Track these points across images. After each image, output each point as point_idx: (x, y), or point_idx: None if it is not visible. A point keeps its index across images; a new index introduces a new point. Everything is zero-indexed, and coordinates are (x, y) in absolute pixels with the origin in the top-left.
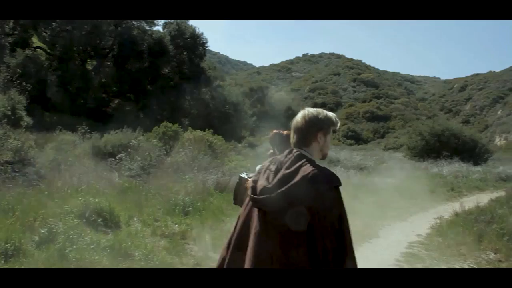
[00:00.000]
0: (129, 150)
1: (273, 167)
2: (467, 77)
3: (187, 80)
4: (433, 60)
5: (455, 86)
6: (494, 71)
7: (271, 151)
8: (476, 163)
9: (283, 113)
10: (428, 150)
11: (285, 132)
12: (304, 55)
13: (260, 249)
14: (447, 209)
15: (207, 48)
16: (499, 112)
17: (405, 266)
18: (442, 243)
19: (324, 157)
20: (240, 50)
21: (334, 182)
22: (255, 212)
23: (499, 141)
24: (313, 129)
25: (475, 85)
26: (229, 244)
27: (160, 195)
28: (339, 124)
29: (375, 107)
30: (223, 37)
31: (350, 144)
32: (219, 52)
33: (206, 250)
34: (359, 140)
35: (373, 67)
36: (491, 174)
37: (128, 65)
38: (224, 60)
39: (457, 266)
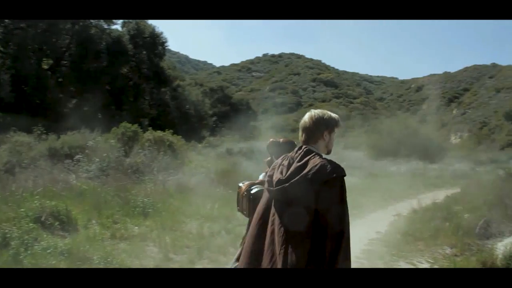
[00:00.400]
0: (86, 151)
1: (285, 162)
2: (423, 77)
3: (147, 80)
4: (391, 60)
5: (412, 86)
6: (449, 72)
7: (269, 158)
8: (432, 161)
9: (243, 113)
10: (387, 149)
11: (281, 140)
12: (264, 55)
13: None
14: (405, 206)
15: (166, 48)
16: (454, 112)
17: (365, 263)
18: (401, 240)
19: (329, 152)
20: (200, 50)
21: (340, 172)
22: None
23: (454, 139)
24: (320, 128)
25: (431, 85)
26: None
27: (119, 196)
28: (341, 124)
29: (334, 107)
30: (183, 36)
31: None
32: (179, 52)
33: (166, 252)
34: None
35: (333, 67)
36: (447, 172)
37: (85, 65)
38: (184, 60)
39: (415, 261)
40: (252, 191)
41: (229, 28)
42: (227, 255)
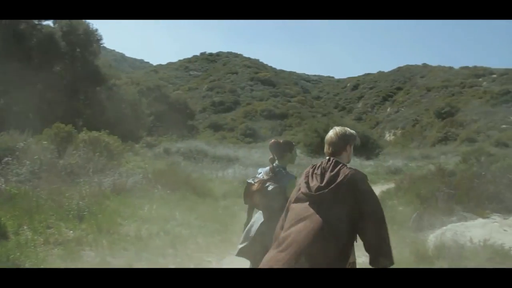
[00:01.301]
0: (17, 153)
1: (318, 171)
2: (359, 76)
3: (81, 78)
4: (327, 60)
5: (348, 85)
6: (383, 71)
7: (271, 156)
8: (368, 158)
9: (181, 112)
10: (324, 146)
11: (281, 140)
12: (202, 53)
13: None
14: None
15: (102, 45)
16: (388, 110)
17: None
18: None
19: (349, 161)
20: (137, 48)
21: (365, 177)
22: (306, 205)
23: (388, 136)
24: (343, 142)
25: (366, 84)
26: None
27: (52, 200)
28: (358, 139)
29: (272, 106)
30: (119, 34)
31: (249, 142)
32: (114, 50)
33: (104, 256)
34: (257, 138)
35: (270, 66)
36: (382, 168)
37: (15, 62)
38: (120, 58)
39: (357, 254)
40: (269, 188)
41: (166, 26)
42: (166, 257)
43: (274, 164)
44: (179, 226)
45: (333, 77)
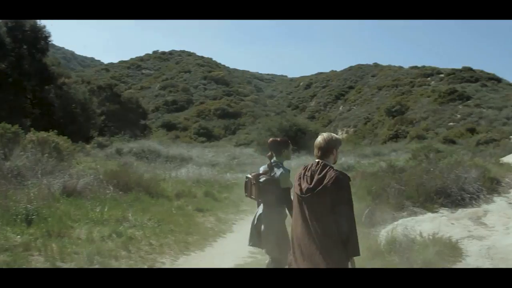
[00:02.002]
0: None
1: (308, 173)
2: (311, 75)
3: (28, 76)
4: (280, 59)
5: (301, 84)
6: (335, 71)
7: (270, 153)
8: None
9: (133, 112)
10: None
11: (279, 139)
12: (154, 52)
13: (310, 221)
14: None
15: (50, 43)
16: (340, 108)
17: (259, 257)
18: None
19: (335, 163)
20: (87, 46)
21: (347, 178)
22: (300, 203)
23: (341, 134)
24: (330, 146)
25: (319, 83)
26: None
27: None
28: (341, 143)
29: (225, 104)
30: (68, 31)
31: (202, 142)
32: (63, 47)
33: (53, 260)
34: (211, 137)
35: (224, 65)
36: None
37: None
38: (69, 56)
39: None
40: (261, 180)
41: (117, 24)
42: (119, 259)
43: (272, 160)
44: (132, 228)
45: (286, 76)
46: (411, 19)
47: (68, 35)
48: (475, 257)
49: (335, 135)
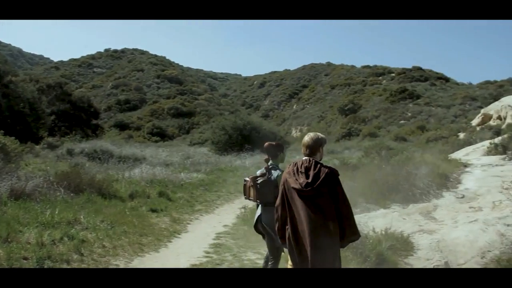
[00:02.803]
0: None
1: (302, 169)
2: (265, 74)
3: None
4: (234, 58)
5: (255, 82)
6: (289, 69)
7: (266, 157)
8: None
9: (84, 111)
10: (231, 143)
11: (274, 143)
12: (106, 50)
13: (312, 214)
14: None
15: None
16: (294, 107)
17: (214, 256)
18: (248, 231)
19: (321, 159)
20: (36, 43)
21: (337, 173)
22: (299, 198)
23: (295, 133)
24: (317, 145)
25: (273, 82)
26: (284, 218)
27: None
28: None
29: (179, 103)
30: (15, 27)
31: (156, 141)
32: (10, 44)
33: (1, 266)
34: (165, 136)
35: (177, 64)
36: (289, 164)
37: None
38: (16, 53)
39: (262, 251)
40: (258, 182)
41: (67, 20)
42: (71, 263)
43: (268, 163)
44: (84, 230)
45: (240, 75)
46: (368, 19)
47: (15, 31)
48: (425, 251)
49: (320, 134)
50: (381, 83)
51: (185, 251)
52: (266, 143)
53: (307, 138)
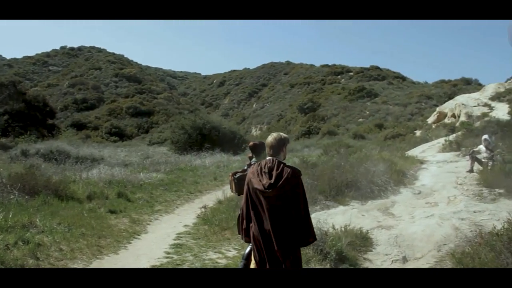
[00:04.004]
0: None
1: (266, 170)
2: (225, 73)
3: None
4: (194, 56)
5: (214, 81)
6: (248, 68)
7: (250, 155)
8: (235, 153)
9: (40, 111)
10: (191, 143)
11: (258, 142)
12: (62, 47)
13: (275, 214)
14: (211, 198)
15: None
16: (254, 106)
17: (175, 257)
18: (208, 231)
19: (285, 158)
20: None
21: (300, 173)
22: (263, 198)
23: (255, 131)
24: (280, 145)
25: (233, 81)
26: (248, 217)
27: None
28: (289, 140)
29: (138, 103)
30: None
31: (114, 141)
32: None
33: None
34: (123, 136)
35: (136, 62)
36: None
37: None
38: None
39: (223, 250)
40: (236, 176)
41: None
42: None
43: (251, 160)
44: (40, 234)
45: (199, 74)
46: (336, 20)
47: None
48: (384, 246)
49: (283, 134)
50: (339, 82)
51: (145, 252)
52: (251, 143)
53: (270, 138)
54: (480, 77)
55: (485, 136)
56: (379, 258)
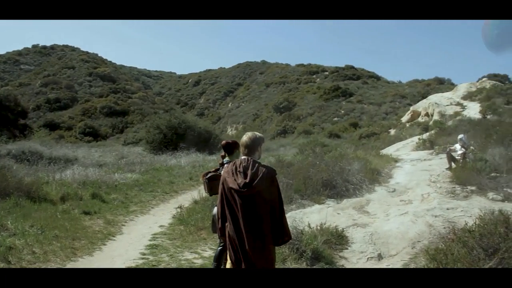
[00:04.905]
0: None
1: (241, 169)
2: (200, 72)
3: None
4: (169, 56)
5: (189, 81)
6: (224, 68)
7: (223, 154)
8: (211, 152)
9: (11, 111)
10: (166, 142)
11: (231, 141)
12: (34, 46)
13: (249, 213)
14: (187, 197)
15: None
16: (229, 105)
17: (150, 258)
18: (184, 231)
19: (259, 158)
20: None
21: (275, 172)
22: (238, 198)
23: (230, 131)
24: (255, 144)
25: (208, 80)
26: (224, 216)
27: None
28: (264, 139)
29: (112, 102)
30: None
31: (88, 141)
32: None
33: None
34: (98, 136)
35: (110, 61)
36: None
37: None
38: None
39: (199, 250)
40: (207, 176)
41: None
42: None
43: (224, 160)
44: (11, 237)
45: (174, 73)
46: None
47: None
48: (359, 244)
49: (258, 133)
50: (315, 81)
51: (120, 253)
52: (224, 141)
53: (245, 137)
54: (452, 77)
55: (461, 136)
56: (355, 256)
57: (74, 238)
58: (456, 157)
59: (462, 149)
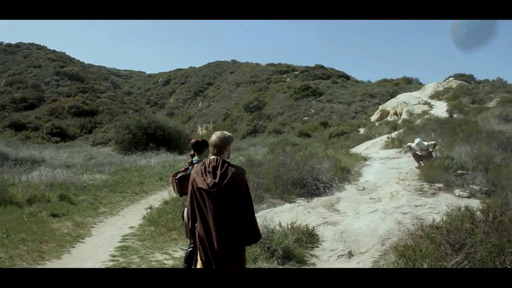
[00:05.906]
0: None
1: (210, 169)
2: (170, 72)
3: None
4: (138, 55)
5: (159, 80)
6: (194, 67)
7: (192, 152)
8: (181, 152)
9: None
10: (136, 143)
11: (200, 140)
12: None
13: (219, 213)
14: (157, 198)
15: None
16: (199, 104)
17: (121, 260)
18: (154, 232)
19: (229, 157)
20: None
21: (244, 172)
22: (207, 198)
23: (201, 130)
24: (224, 143)
25: (178, 80)
26: (193, 217)
27: None
28: (233, 138)
29: (80, 102)
30: None
31: (56, 142)
32: None
33: None
34: (66, 136)
35: (78, 60)
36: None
37: None
38: None
39: (169, 251)
40: (177, 177)
41: None
42: None
43: (193, 159)
44: None
45: (144, 72)
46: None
47: None
48: (330, 242)
49: (227, 132)
50: (285, 81)
51: (90, 256)
52: (193, 140)
53: (214, 137)
54: (420, 77)
55: (417, 140)
56: (325, 254)
57: (42, 241)
58: (419, 155)
59: (421, 151)
